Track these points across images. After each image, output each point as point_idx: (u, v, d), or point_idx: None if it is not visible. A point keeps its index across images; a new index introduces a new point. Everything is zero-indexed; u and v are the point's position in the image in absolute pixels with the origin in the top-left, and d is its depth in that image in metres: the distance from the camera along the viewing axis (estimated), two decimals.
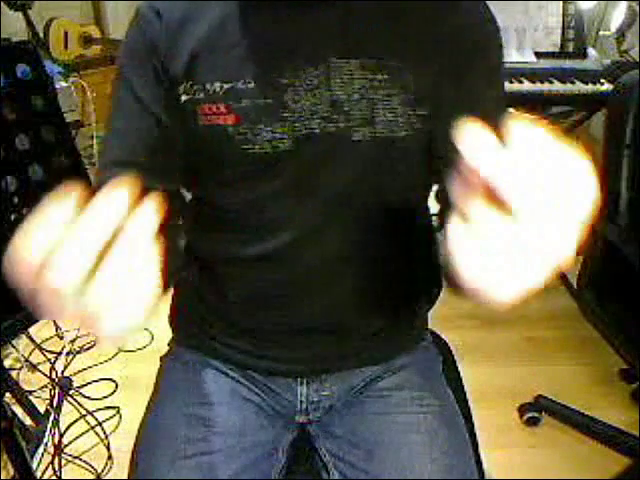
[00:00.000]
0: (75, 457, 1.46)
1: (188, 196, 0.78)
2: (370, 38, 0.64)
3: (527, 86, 1.87)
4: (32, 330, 1.72)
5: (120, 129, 0.69)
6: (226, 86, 0.63)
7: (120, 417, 1.58)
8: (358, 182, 0.67)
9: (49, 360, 1.74)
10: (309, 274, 0.71)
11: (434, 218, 0.74)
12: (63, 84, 1.98)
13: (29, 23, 2.31)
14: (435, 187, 0.75)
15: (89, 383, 1.70)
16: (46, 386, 1.65)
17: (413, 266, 0.79)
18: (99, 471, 1.43)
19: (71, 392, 1.66)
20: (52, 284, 0.33)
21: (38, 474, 1.39)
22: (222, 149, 0.66)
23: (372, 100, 0.64)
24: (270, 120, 0.63)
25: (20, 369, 1.72)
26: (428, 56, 0.65)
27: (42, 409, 1.54)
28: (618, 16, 2.09)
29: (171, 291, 0.85)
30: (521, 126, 0.32)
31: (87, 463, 1.45)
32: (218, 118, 0.64)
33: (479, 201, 0.34)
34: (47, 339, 1.84)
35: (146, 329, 1.90)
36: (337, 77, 0.63)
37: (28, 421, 1.49)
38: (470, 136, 0.32)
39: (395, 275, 0.77)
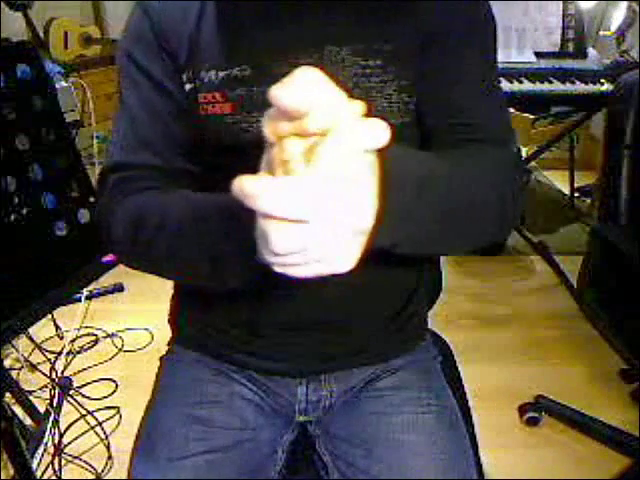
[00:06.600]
0: (75, 457, 1.46)
1: None
2: (362, 24, 0.64)
3: (527, 86, 1.88)
4: (32, 330, 1.71)
5: (133, 108, 0.68)
6: (222, 74, 0.64)
7: (120, 417, 1.58)
8: None
9: (49, 360, 1.74)
10: None
11: None
12: (63, 84, 1.98)
13: (29, 23, 2.31)
14: None
15: (89, 383, 1.71)
16: (46, 386, 1.65)
17: (413, 265, 0.78)
18: (99, 471, 1.43)
19: (71, 392, 1.66)
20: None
21: (38, 474, 1.38)
22: (220, 137, 0.66)
23: (366, 88, 0.64)
24: (265, 109, 0.64)
25: (20, 369, 1.72)
26: (419, 40, 0.64)
27: (42, 409, 1.53)
28: (618, 16, 2.10)
29: (171, 291, 0.85)
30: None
31: (87, 463, 1.44)
32: (215, 107, 0.64)
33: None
34: (47, 339, 1.84)
35: (146, 329, 1.90)
36: (330, 66, 0.63)
37: (28, 421, 1.49)
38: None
39: (395, 274, 0.76)
